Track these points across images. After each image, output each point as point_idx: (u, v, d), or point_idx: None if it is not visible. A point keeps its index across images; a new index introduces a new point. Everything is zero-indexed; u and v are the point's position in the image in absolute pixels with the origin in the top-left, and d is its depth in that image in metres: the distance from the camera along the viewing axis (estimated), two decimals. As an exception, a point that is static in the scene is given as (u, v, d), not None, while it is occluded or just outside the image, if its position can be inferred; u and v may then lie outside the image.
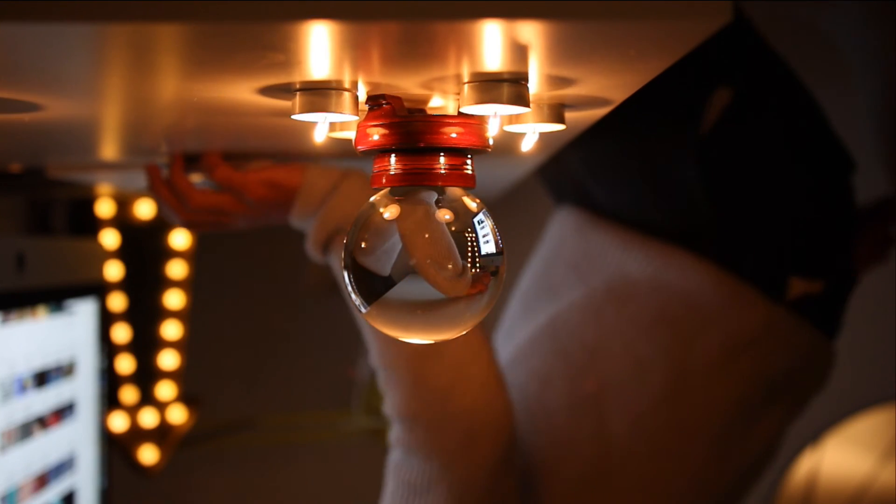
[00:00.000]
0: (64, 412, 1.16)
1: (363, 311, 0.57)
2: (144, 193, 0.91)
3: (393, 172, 0.55)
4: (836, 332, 1.05)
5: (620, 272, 1.01)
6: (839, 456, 1.56)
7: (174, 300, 1.65)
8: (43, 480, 1.10)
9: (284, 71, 0.48)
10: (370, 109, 0.55)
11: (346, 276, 0.58)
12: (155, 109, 0.63)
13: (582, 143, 1.04)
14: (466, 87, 0.51)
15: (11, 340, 1.05)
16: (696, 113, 0.98)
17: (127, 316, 1.61)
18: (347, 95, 0.51)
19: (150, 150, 0.85)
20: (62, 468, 1.16)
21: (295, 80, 0.50)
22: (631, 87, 0.55)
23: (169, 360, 1.65)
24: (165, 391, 1.65)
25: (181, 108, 0.61)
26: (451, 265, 0.55)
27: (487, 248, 0.56)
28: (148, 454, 1.64)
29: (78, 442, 1.21)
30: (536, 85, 0.52)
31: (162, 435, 1.65)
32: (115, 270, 1.58)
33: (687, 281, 0.97)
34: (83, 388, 1.22)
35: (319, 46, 0.44)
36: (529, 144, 0.62)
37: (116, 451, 1.58)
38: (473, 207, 0.57)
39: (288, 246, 0.92)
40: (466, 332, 0.85)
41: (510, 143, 0.69)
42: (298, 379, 1.88)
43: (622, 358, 0.96)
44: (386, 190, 0.57)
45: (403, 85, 0.52)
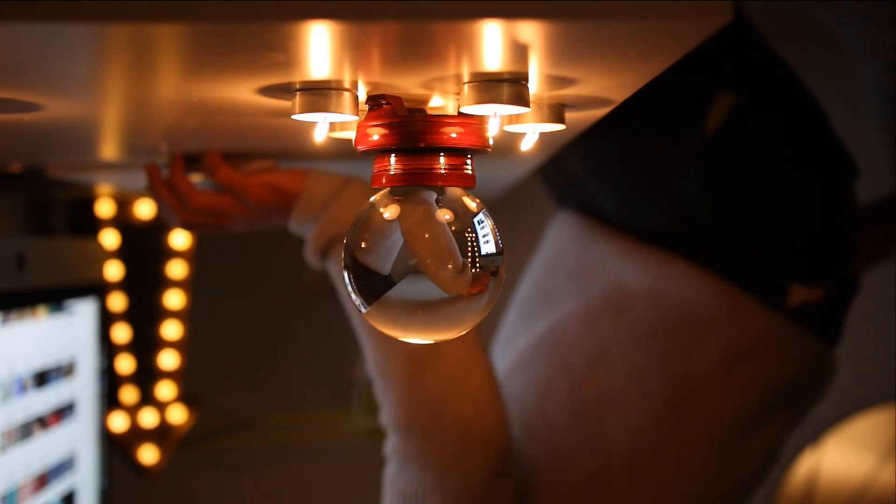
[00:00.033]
0: (64, 412, 1.16)
1: (363, 311, 0.57)
2: (144, 193, 0.91)
3: (393, 172, 0.55)
4: (836, 339, 1.04)
5: (618, 282, 1.01)
6: (839, 456, 1.56)
7: (174, 300, 1.65)
8: (43, 480, 1.10)
9: (284, 71, 0.48)
10: (370, 109, 0.55)
11: (346, 275, 0.57)
12: (155, 109, 0.63)
13: (583, 145, 1.04)
14: (466, 87, 0.51)
15: (11, 340, 1.05)
16: (698, 118, 0.98)
17: (127, 316, 1.61)
18: (347, 95, 0.51)
19: (150, 150, 0.85)
20: (62, 468, 1.16)
21: (295, 80, 0.50)
22: (631, 87, 0.55)
23: (169, 360, 1.65)
24: (165, 391, 1.65)
25: (181, 108, 0.61)
26: (451, 264, 0.55)
27: (487, 248, 0.56)
28: (148, 454, 1.64)
29: (78, 442, 1.21)
30: (536, 85, 0.52)
31: (162, 435, 1.65)
32: (115, 270, 1.58)
33: (685, 291, 0.97)
34: (83, 388, 1.22)
35: (319, 46, 0.44)
36: (529, 144, 0.62)
37: (116, 451, 1.58)
38: (473, 207, 0.57)
39: (288, 246, 0.92)
40: (463, 342, 0.86)
41: (510, 143, 0.69)
42: (298, 379, 1.88)
43: (621, 369, 0.96)
44: (386, 190, 0.57)
45: (403, 85, 0.52)
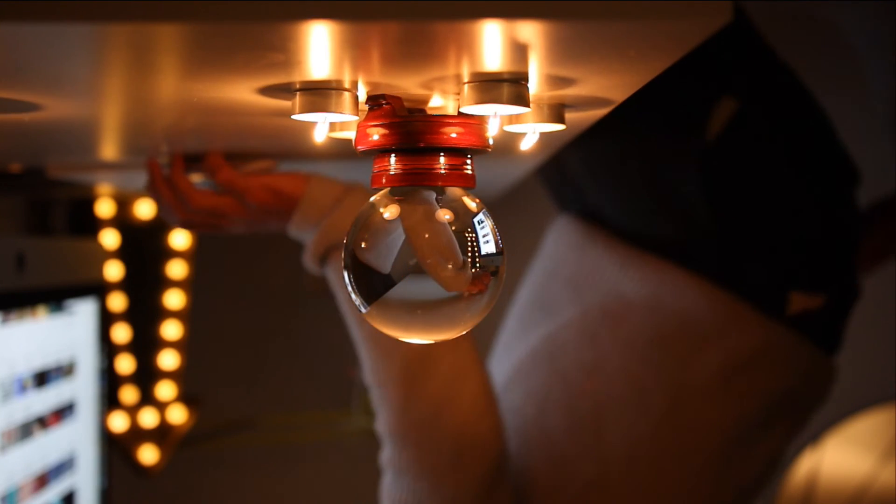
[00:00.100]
0: (64, 412, 1.16)
1: (363, 311, 0.57)
2: (144, 193, 0.91)
3: (393, 172, 0.55)
4: (836, 347, 1.03)
5: (616, 291, 1.00)
6: (839, 456, 1.56)
7: (174, 300, 1.65)
8: (43, 480, 1.10)
9: (284, 71, 0.48)
10: (370, 109, 0.55)
11: (346, 275, 0.57)
12: (155, 109, 0.63)
13: (585, 146, 1.04)
14: (466, 87, 0.51)
15: (11, 340, 1.05)
16: (700, 122, 0.97)
17: (127, 316, 1.61)
18: (347, 95, 0.51)
19: (150, 150, 0.85)
20: (62, 468, 1.16)
21: (295, 80, 0.50)
22: (631, 87, 0.55)
23: (169, 360, 1.65)
24: (165, 391, 1.65)
25: (181, 108, 0.61)
26: (452, 264, 0.55)
27: (487, 248, 0.56)
28: (148, 454, 1.64)
29: (78, 442, 1.21)
30: (536, 85, 0.52)
31: (162, 435, 1.65)
32: (115, 270, 1.58)
33: (683, 301, 0.97)
34: (83, 388, 1.22)
35: (319, 46, 0.44)
36: (529, 144, 0.62)
37: (116, 451, 1.58)
38: (473, 207, 0.56)
39: (288, 247, 0.92)
40: (458, 352, 0.86)
41: (510, 143, 0.69)
42: (298, 379, 1.88)
43: (619, 380, 0.96)
44: (386, 190, 0.57)
45: (403, 85, 0.52)
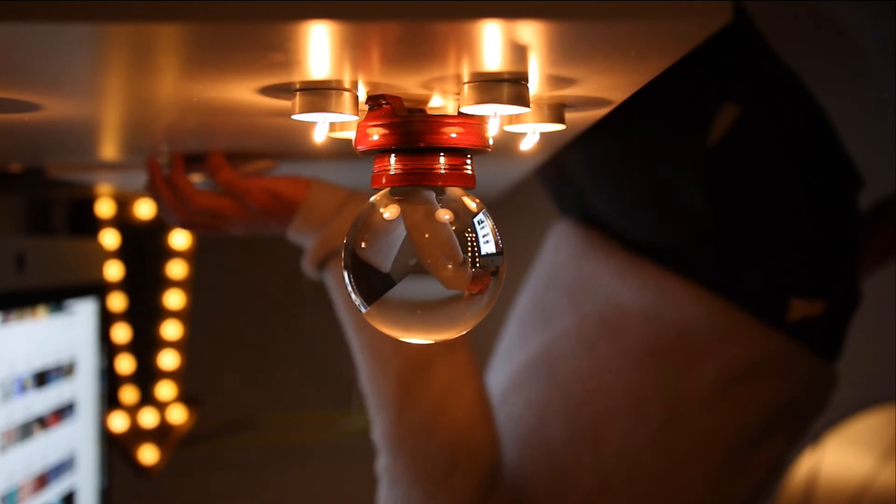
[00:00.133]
0: (64, 412, 1.16)
1: (363, 311, 0.57)
2: (144, 193, 0.91)
3: (393, 172, 0.55)
4: (837, 354, 1.02)
5: (614, 301, 1.00)
6: (839, 456, 1.56)
7: (174, 300, 1.65)
8: (43, 480, 1.10)
9: (284, 71, 0.48)
10: (370, 109, 0.55)
11: (346, 276, 0.58)
12: (155, 109, 0.63)
13: (586, 150, 1.04)
14: (466, 87, 0.51)
15: (11, 340, 1.05)
16: (702, 127, 0.96)
17: (127, 316, 1.61)
18: (347, 95, 0.51)
19: (150, 150, 0.85)
20: (62, 468, 1.16)
21: (295, 80, 0.50)
22: (631, 87, 0.55)
23: (169, 360, 1.65)
24: (165, 391, 1.65)
25: (181, 108, 0.61)
26: (453, 263, 0.55)
27: (487, 248, 0.56)
28: (148, 454, 1.64)
29: (78, 442, 1.21)
30: (536, 85, 0.52)
31: (162, 435, 1.65)
32: (115, 270, 1.58)
33: (681, 312, 0.96)
34: (83, 388, 1.22)
35: (319, 46, 0.44)
36: (530, 145, 0.62)
37: (116, 451, 1.58)
38: (473, 207, 0.56)
39: (288, 247, 0.92)
40: (453, 362, 0.86)
41: (510, 143, 0.69)
42: (298, 379, 1.88)
43: (618, 390, 0.96)
44: (386, 190, 0.57)
45: (403, 85, 0.52)
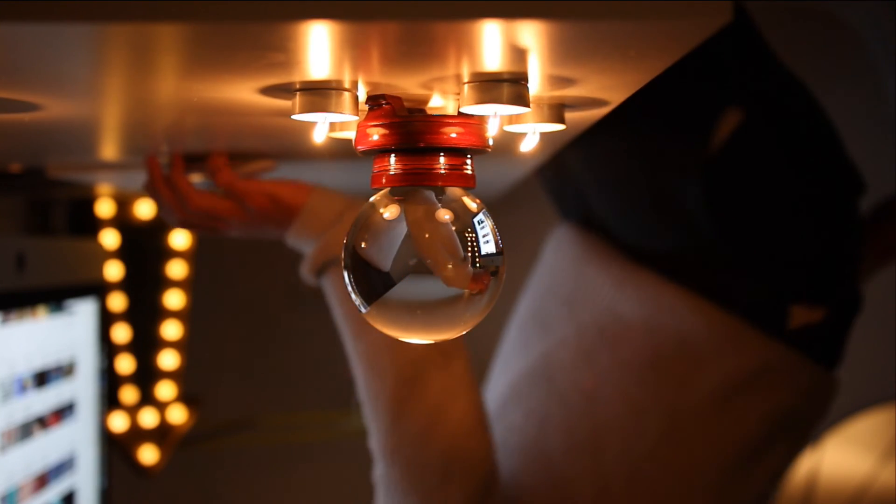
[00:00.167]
0: (64, 412, 1.16)
1: (363, 311, 0.57)
2: (143, 193, 0.91)
3: (393, 172, 0.55)
4: (837, 361, 1.02)
5: (612, 311, 1.00)
6: (839, 456, 1.57)
7: (174, 300, 1.65)
8: (43, 480, 1.10)
9: (284, 71, 0.48)
10: (370, 109, 0.55)
11: (346, 276, 0.58)
12: (155, 109, 0.62)
13: (588, 152, 1.03)
14: (466, 87, 0.51)
15: (11, 340, 1.05)
16: (704, 132, 0.96)
17: (127, 316, 1.61)
18: (347, 95, 0.51)
19: (150, 150, 0.85)
20: (62, 468, 1.16)
21: (295, 80, 0.50)
22: (631, 87, 0.55)
23: (169, 360, 1.65)
24: (165, 391, 1.65)
25: (181, 108, 0.61)
26: (453, 262, 0.55)
27: (487, 248, 0.56)
28: (148, 454, 1.64)
29: (78, 442, 1.21)
30: (536, 85, 0.52)
31: (162, 435, 1.65)
32: (115, 270, 1.58)
33: (680, 322, 0.96)
34: (83, 388, 1.22)
35: (319, 46, 0.44)
36: (531, 145, 0.62)
37: (116, 451, 1.58)
38: (473, 207, 0.56)
39: (287, 247, 0.92)
40: (449, 373, 0.87)
41: (510, 143, 0.69)
42: (298, 379, 1.88)
43: (617, 402, 0.96)
44: (386, 190, 0.57)
45: (403, 85, 0.52)
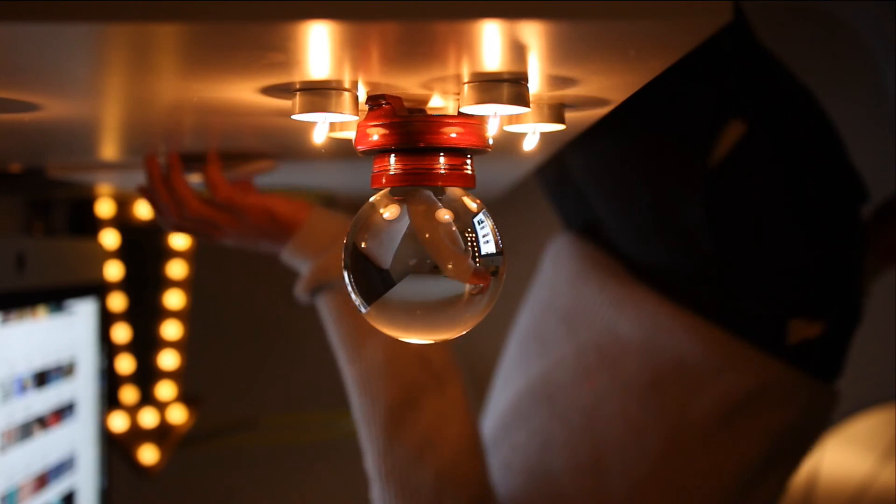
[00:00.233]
0: (64, 412, 1.16)
1: (363, 311, 0.57)
2: (139, 194, 0.91)
3: (393, 172, 0.55)
4: (838, 374, 1.02)
5: (611, 332, 1.00)
6: (839, 456, 1.56)
7: (174, 300, 1.65)
8: (43, 480, 1.10)
9: (284, 71, 0.48)
10: (370, 109, 0.55)
11: (346, 276, 0.58)
12: (155, 109, 0.62)
13: (590, 158, 1.03)
14: (466, 87, 0.51)
15: (11, 340, 1.05)
16: (706, 144, 0.95)
17: (127, 316, 1.61)
18: (347, 95, 0.51)
19: (149, 150, 0.85)
20: (62, 468, 1.16)
21: (295, 80, 0.50)
22: (631, 87, 0.55)
23: (169, 360, 1.65)
24: (165, 391, 1.65)
25: (181, 108, 0.61)
26: (454, 262, 0.55)
27: (487, 248, 0.56)
28: (148, 454, 1.64)
29: (78, 442, 1.21)
30: (537, 85, 0.52)
31: (162, 435, 1.65)
32: (115, 270, 1.58)
33: (678, 343, 0.96)
34: (83, 388, 1.22)
35: (319, 46, 0.44)
36: (531, 145, 0.62)
37: (116, 451, 1.58)
38: (473, 207, 0.56)
39: (282, 263, 0.92)
40: (443, 397, 0.87)
41: (510, 143, 0.69)
42: (298, 379, 1.87)
43: (618, 423, 0.96)
44: (386, 190, 0.57)
45: (403, 85, 0.52)
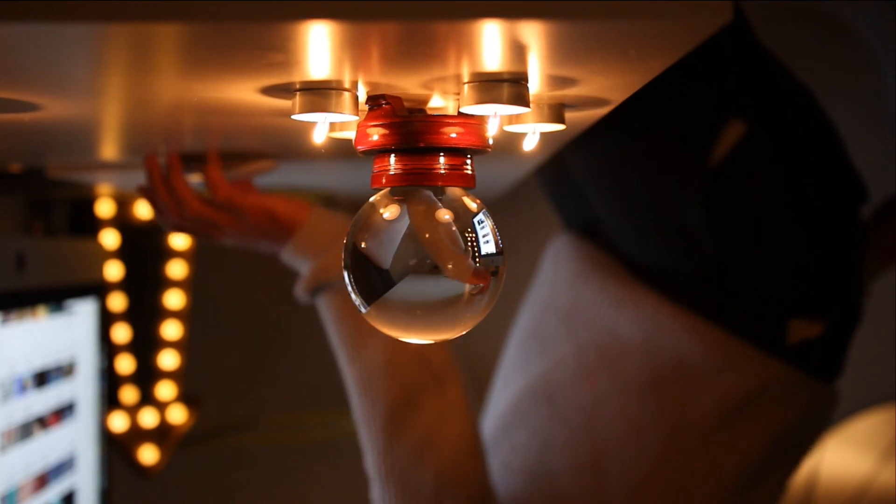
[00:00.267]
0: (64, 412, 1.16)
1: (363, 311, 0.57)
2: (139, 194, 0.91)
3: (393, 172, 0.55)
4: (838, 374, 1.02)
5: (611, 332, 1.00)
6: (839, 456, 1.56)
7: (174, 300, 1.65)
8: (43, 480, 1.10)
9: (284, 71, 0.48)
10: (370, 109, 0.55)
11: (346, 276, 0.58)
12: (155, 109, 0.63)
13: (590, 157, 1.03)
14: (466, 87, 0.51)
15: (11, 340, 1.05)
16: (706, 145, 0.95)
17: (127, 316, 1.61)
18: (347, 95, 0.51)
19: (149, 150, 0.85)
20: (62, 468, 1.16)
21: (295, 80, 0.50)
22: (631, 87, 0.55)
23: (169, 360, 1.65)
24: (165, 391, 1.65)
25: (181, 108, 0.61)
26: (454, 262, 0.55)
27: (487, 248, 0.56)
28: (148, 454, 1.64)
29: (78, 442, 1.21)
30: (537, 85, 0.52)
31: (162, 435, 1.65)
32: (115, 270, 1.58)
33: (678, 343, 0.96)
34: (83, 388, 1.22)
35: (319, 46, 0.44)
36: (532, 145, 0.62)
37: (116, 451, 1.58)
38: (473, 207, 0.56)
39: (282, 262, 0.92)
40: (443, 397, 0.87)
41: (510, 143, 0.69)
42: (298, 379, 1.87)
43: (618, 423, 0.96)
44: (386, 190, 0.57)
45: (403, 85, 0.52)
